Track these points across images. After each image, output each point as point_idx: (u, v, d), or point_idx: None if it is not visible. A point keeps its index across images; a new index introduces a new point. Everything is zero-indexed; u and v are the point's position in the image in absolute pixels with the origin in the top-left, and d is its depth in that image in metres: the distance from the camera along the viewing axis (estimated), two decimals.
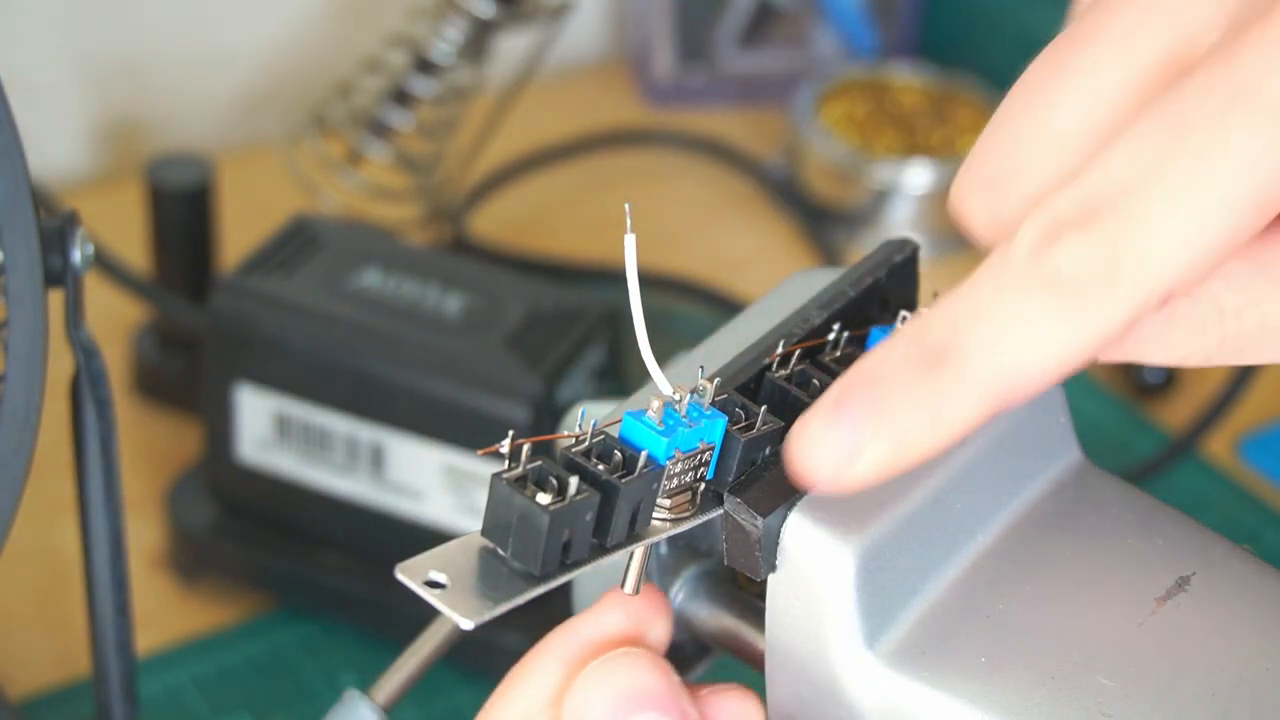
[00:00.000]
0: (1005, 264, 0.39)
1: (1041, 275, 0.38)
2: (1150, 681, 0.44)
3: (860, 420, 0.39)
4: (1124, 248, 0.38)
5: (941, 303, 0.39)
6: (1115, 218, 0.38)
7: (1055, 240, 0.38)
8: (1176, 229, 0.38)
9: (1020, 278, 0.39)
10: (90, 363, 0.56)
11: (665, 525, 0.45)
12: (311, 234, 0.76)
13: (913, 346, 0.39)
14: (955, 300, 0.39)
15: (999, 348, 0.39)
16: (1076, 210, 0.38)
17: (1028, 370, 0.39)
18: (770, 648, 0.46)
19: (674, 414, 0.44)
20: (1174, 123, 0.38)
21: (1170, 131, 0.38)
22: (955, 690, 0.44)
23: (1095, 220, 0.38)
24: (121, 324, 0.88)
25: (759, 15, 1.08)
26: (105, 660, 0.59)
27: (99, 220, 0.75)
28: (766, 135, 1.06)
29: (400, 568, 0.43)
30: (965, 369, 0.39)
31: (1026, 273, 0.39)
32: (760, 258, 0.98)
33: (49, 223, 0.54)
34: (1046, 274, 0.38)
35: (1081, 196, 0.38)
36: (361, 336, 0.72)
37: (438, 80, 0.90)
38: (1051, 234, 0.38)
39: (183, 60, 1.02)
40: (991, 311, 0.39)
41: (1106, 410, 0.89)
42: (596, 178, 1.02)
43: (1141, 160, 0.38)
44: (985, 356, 0.39)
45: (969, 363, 0.39)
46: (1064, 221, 0.38)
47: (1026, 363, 0.39)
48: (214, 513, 0.77)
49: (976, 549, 0.47)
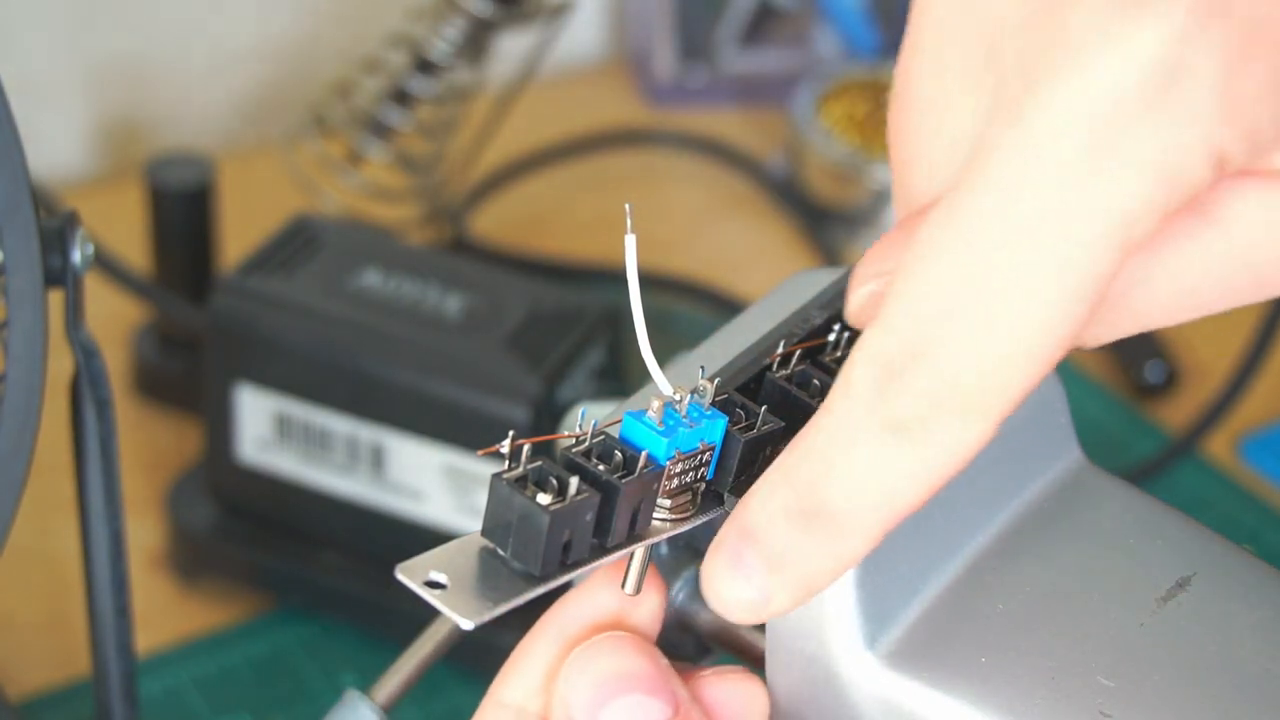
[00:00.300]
0: (849, 412, 0.40)
1: (884, 422, 0.40)
2: (1150, 681, 0.44)
3: (760, 574, 0.42)
4: (950, 386, 0.39)
5: (802, 447, 0.41)
6: (933, 360, 0.39)
7: (887, 387, 0.40)
8: (991, 359, 0.39)
9: (866, 428, 0.40)
10: (90, 363, 0.56)
11: (665, 525, 0.45)
12: (311, 234, 0.76)
13: (788, 499, 0.41)
14: (814, 449, 0.41)
15: (866, 497, 0.41)
16: (899, 354, 0.40)
17: (899, 505, 0.41)
18: (770, 648, 0.46)
19: (674, 414, 0.44)
20: (961, 259, 0.39)
21: (960, 268, 0.39)
22: (955, 690, 0.44)
23: (917, 364, 0.39)
24: (121, 324, 0.88)
25: (759, 15, 1.08)
26: (105, 660, 0.59)
27: (99, 220, 0.75)
28: (766, 135, 1.06)
29: (400, 568, 0.43)
30: (842, 521, 0.41)
31: (870, 421, 0.40)
32: (760, 258, 0.98)
33: (49, 223, 0.54)
34: (887, 420, 0.40)
35: (901, 340, 0.40)
36: (361, 336, 0.72)
37: (437, 80, 0.90)
38: (882, 382, 0.40)
39: (183, 60, 1.02)
40: (850, 464, 0.40)
41: (1106, 410, 0.89)
42: (596, 178, 1.02)
43: (942, 300, 0.39)
44: (856, 507, 0.41)
45: (843, 514, 0.41)
46: (891, 368, 0.40)
47: (896, 500, 0.41)
48: (214, 513, 0.77)
49: (976, 549, 0.47)
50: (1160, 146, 0.37)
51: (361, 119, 0.91)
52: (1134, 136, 0.37)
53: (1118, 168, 0.37)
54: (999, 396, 0.39)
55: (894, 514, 0.41)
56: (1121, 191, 0.37)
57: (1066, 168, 0.37)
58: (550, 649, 0.47)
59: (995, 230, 0.38)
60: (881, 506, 0.41)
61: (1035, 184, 0.38)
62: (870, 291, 0.43)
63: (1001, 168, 0.38)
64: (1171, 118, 0.37)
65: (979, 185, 0.39)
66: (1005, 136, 0.38)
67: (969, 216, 0.39)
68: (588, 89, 1.10)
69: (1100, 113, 0.37)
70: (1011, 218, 0.38)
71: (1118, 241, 0.38)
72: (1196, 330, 0.92)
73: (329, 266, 0.75)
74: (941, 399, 0.39)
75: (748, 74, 1.09)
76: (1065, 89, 0.37)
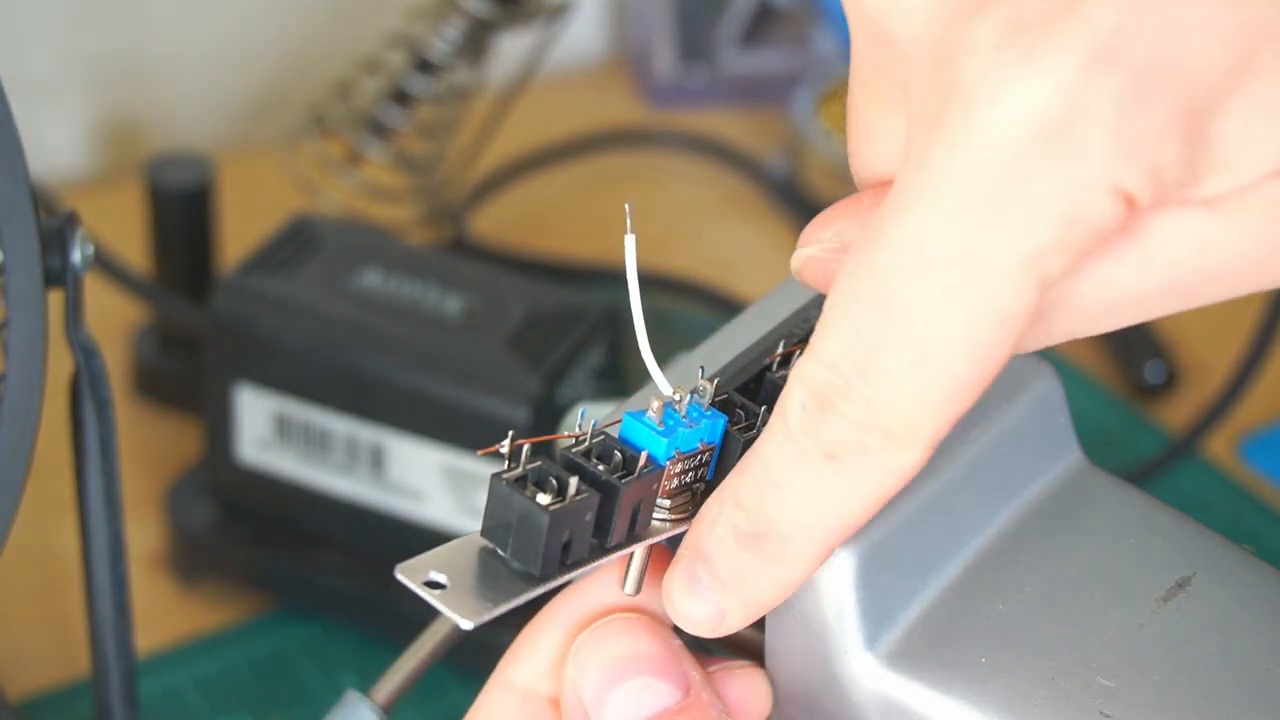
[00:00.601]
0: (787, 438, 0.42)
1: (821, 449, 0.41)
2: (1150, 682, 0.44)
3: (713, 593, 0.43)
4: (879, 416, 0.41)
5: (749, 469, 0.43)
6: (861, 392, 0.41)
7: (820, 416, 0.41)
8: (917, 391, 0.40)
9: (803, 453, 0.42)
10: (90, 363, 0.56)
11: (665, 525, 0.45)
12: (311, 234, 0.76)
13: (737, 521, 0.43)
14: (758, 473, 0.43)
15: (807, 519, 0.42)
16: (829, 384, 0.41)
17: (839, 527, 0.42)
18: (770, 648, 0.46)
19: (674, 414, 0.44)
20: (880, 293, 0.40)
21: (881, 302, 0.40)
22: (955, 690, 0.44)
23: (846, 395, 0.41)
24: (121, 324, 0.88)
25: (759, 15, 1.08)
26: (105, 661, 0.59)
27: (99, 220, 0.75)
28: (766, 135, 1.06)
29: (400, 568, 0.43)
30: (785, 543, 0.43)
31: (807, 448, 0.42)
32: (760, 258, 0.98)
33: (49, 223, 0.54)
34: (825, 447, 0.41)
35: (830, 371, 0.41)
36: (361, 336, 0.72)
37: (437, 80, 0.90)
38: (814, 410, 0.41)
39: (183, 60, 1.02)
40: (791, 489, 0.42)
41: (1106, 410, 0.89)
42: (596, 178, 1.02)
43: (866, 334, 0.40)
44: (798, 529, 0.42)
45: (787, 536, 0.43)
46: (823, 397, 0.41)
47: (836, 522, 0.42)
48: (214, 513, 0.77)
49: (976, 549, 0.47)
50: (1059, 190, 0.38)
51: (361, 119, 0.91)
52: (1033, 181, 0.38)
53: (1021, 212, 0.38)
54: (928, 425, 0.41)
55: (835, 536, 0.42)
56: (1028, 233, 0.39)
57: (971, 213, 0.39)
58: (561, 630, 0.47)
59: (909, 267, 0.39)
60: (823, 529, 0.42)
61: (942, 228, 0.39)
62: (809, 255, 0.45)
63: (911, 208, 0.39)
64: (1067, 162, 0.38)
65: (891, 221, 0.40)
66: (913, 178, 0.39)
67: (885, 251, 0.40)
68: (588, 89, 1.10)
69: (998, 160, 0.38)
70: (924, 256, 0.39)
71: (1032, 279, 0.39)
72: (1196, 330, 0.92)
73: (329, 266, 0.75)
74: (872, 428, 0.41)
75: (748, 74, 1.09)
76: (963, 139, 0.39)
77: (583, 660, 0.45)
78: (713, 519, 0.43)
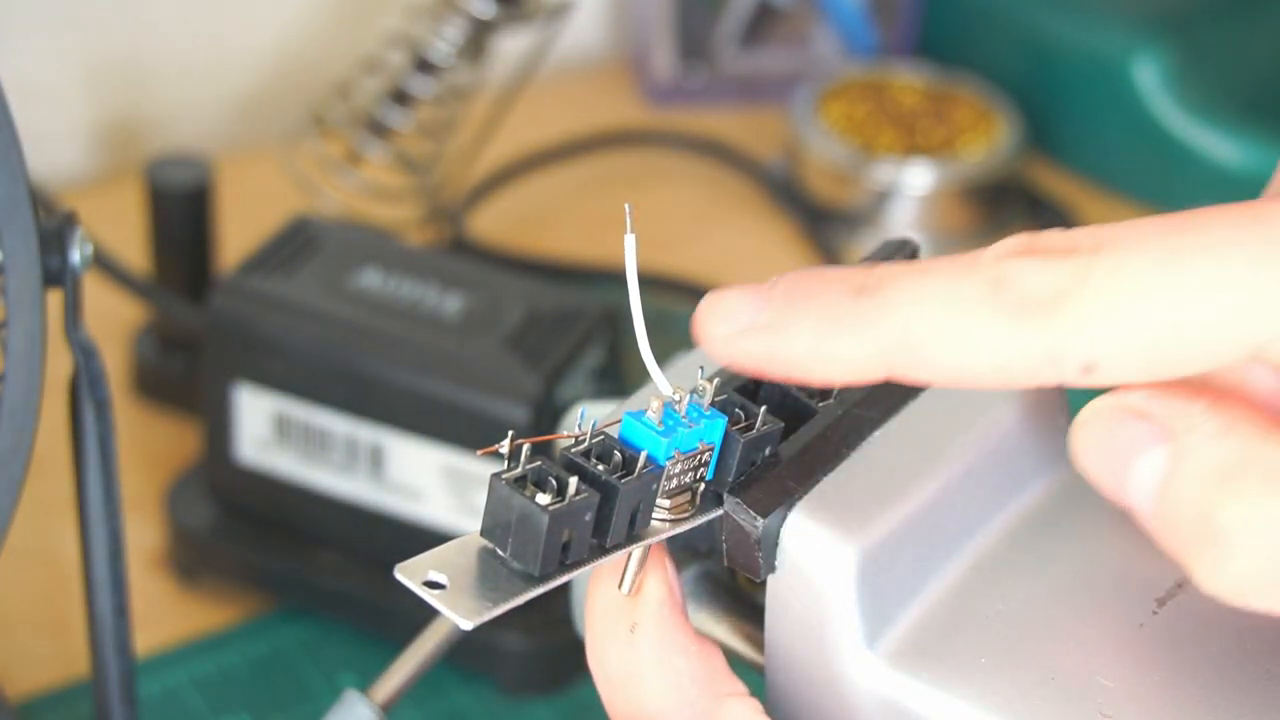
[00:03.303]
0: (977, 252, 0.40)
1: (993, 272, 0.39)
2: (1150, 682, 0.44)
3: (768, 305, 0.42)
4: (1079, 294, 0.39)
5: None
6: (1088, 268, 0.39)
7: (1028, 252, 0.39)
8: (1132, 317, 0.39)
9: (973, 265, 0.40)
10: (89, 363, 0.56)
11: (665, 526, 0.45)
12: (311, 234, 0.76)
13: (858, 273, 0.41)
14: (917, 261, 0.41)
15: (914, 310, 0.40)
16: (1063, 242, 0.39)
17: (923, 346, 0.40)
18: (770, 648, 0.46)
19: (673, 414, 0.44)
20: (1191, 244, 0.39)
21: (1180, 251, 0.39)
22: (955, 690, 0.44)
23: (1071, 258, 0.39)
24: (121, 324, 0.88)
25: (759, 15, 1.08)
26: (104, 661, 0.59)
27: (99, 220, 0.76)
28: (766, 135, 1.06)
29: (399, 568, 0.43)
30: (876, 311, 0.40)
31: (983, 263, 0.39)
32: (760, 258, 0.98)
33: (48, 223, 0.54)
34: (998, 273, 0.39)
35: (1078, 236, 0.39)
36: (361, 336, 0.72)
37: (437, 80, 0.90)
38: (1029, 247, 0.39)
39: (183, 60, 1.02)
40: (930, 278, 0.40)
41: None
42: (596, 178, 1.02)
43: (1145, 234, 0.39)
44: (899, 310, 0.40)
45: (883, 307, 0.40)
46: (1046, 246, 0.39)
47: (927, 337, 0.40)
48: (213, 513, 0.77)
49: (976, 549, 0.47)
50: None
51: (361, 119, 0.91)
52: None
53: None
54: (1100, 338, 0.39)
55: (910, 352, 0.40)
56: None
57: None
58: None
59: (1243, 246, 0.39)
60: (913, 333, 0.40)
61: None
62: None
63: None
64: None
65: None
66: None
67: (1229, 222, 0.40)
68: (588, 89, 1.10)
69: None
70: None
71: None
72: None
73: (328, 266, 0.75)
74: (1063, 297, 0.39)
75: (747, 74, 1.09)
76: None
77: None
78: (844, 267, 0.42)
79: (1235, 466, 0.40)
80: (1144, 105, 1.00)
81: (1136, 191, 1.01)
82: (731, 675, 0.46)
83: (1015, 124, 1.00)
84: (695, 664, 0.45)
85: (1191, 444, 0.40)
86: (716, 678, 0.45)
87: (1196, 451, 0.40)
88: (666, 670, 0.45)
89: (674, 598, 0.45)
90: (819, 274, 0.42)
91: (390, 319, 0.72)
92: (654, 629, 0.45)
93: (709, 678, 0.45)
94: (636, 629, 0.45)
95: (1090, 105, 1.02)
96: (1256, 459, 0.40)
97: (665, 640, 0.45)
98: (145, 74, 1.01)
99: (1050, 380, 0.40)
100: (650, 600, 0.45)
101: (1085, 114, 1.02)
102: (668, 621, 0.45)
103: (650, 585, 0.45)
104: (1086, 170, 1.03)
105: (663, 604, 0.45)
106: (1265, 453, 0.40)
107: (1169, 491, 0.41)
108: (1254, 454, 0.40)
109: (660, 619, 0.45)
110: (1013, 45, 1.05)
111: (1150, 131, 1.00)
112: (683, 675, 0.45)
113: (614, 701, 0.45)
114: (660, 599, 0.45)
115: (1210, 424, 0.41)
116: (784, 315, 0.41)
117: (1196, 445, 0.40)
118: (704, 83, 1.08)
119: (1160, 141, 0.99)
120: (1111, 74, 1.00)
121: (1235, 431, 0.40)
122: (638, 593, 0.46)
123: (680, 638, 0.45)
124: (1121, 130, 1.01)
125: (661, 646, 0.45)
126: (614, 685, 0.45)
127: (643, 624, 0.45)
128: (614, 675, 0.45)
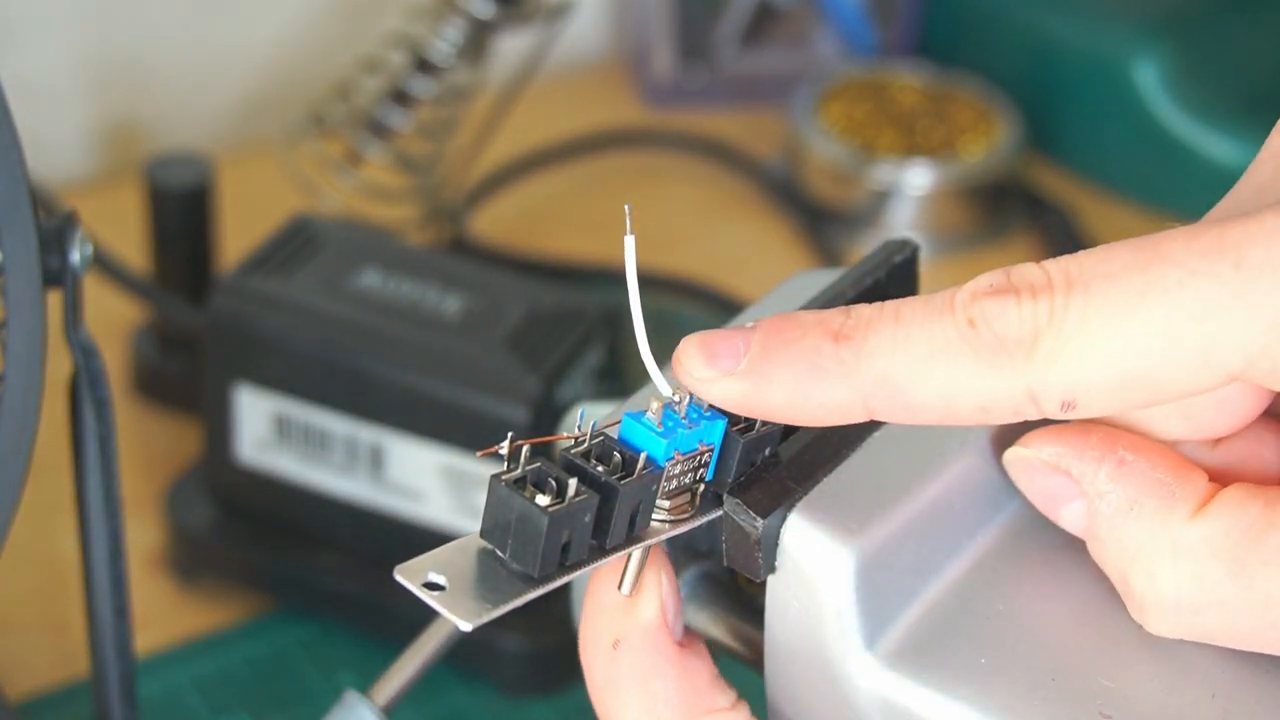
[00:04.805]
0: (950, 292, 0.40)
1: (967, 314, 0.40)
2: (1150, 682, 0.44)
3: (747, 350, 0.42)
4: (1054, 334, 0.39)
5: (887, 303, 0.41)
6: (1063, 308, 0.39)
7: (1001, 292, 0.40)
8: (1106, 356, 0.39)
9: (949, 308, 0.40)
10: (89, 363, 0.56)
11: (665, 527, 0.45)
12: (311, 234, 0.76)
13: (834, 317, 0.41)
14: (892, 302, 0.41)
15: (893, 355, 0.41)
16: (1035, 278, 0.40)
17: (904, 391, 0.41)
18: (770, 648, 0.46)
19: (673, 415, 0.44)
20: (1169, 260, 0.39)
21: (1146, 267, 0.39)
22: (955, 691, 0.44)
23: (1043, 297, 0.39)
24: (121, 324, 0.88)
25: (759, 15, 1.08)
26: (104, 661, 0.59)
27: (99, 220, 0.75)
28: (766, 135, 1.06)
29: (399, 569, 0.43)
30: (855, 358, 0.41)
31: (958, 305, 0.40)
32: (760, 258, 0.98)
33: (48, 223, 0.54)
34: (972, 315, 0.40)
35: (1050, 271, 0.40)
36: (361, 337, 0.72)
37: (437, 80, 0.90)
38: (1002, 287, 0.40)
39: (183, 60, 1.02)
40: (906, 321, 0.41)
41: None
42: (596, 178, 1.02)
43: (1115, 269, 0.39)
44: (878, 355, 0.41)
45: (860, 354, 0.41)
46: (1018, 284, 0.40)
47: (906, 380, 0.41)
48: (213, 513, 0.77)
49: (976, 549, 0.47)
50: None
51: (361, 119, 0.91)
52: None
53: None
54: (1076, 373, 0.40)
55: (890, 395, 0.41)
56: None
57: None
58: None
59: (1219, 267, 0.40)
60: (891, 376, 0.41)
61: None
62: (1026, 457, 0.44)
63: None
64: None
65: None
66: None
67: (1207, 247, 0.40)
68: (588, 89, 1.10)
69: None
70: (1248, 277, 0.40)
71: None
72: None
73: (328, 266, 0.75)
74: (1037, 337, 0.40)
75: (747, 74, 1.09)
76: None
77: None
78: (819, 312, 0.42)
79: (1141, 546, 0.42)
80: (1144, 105, 1.00)
81: (1136, 192, 1.01)
82: (716, 690, 0.46)
83: (1015, 124, 1.00)
84: (671, 687, 0.45)
85: (1104, 511, 0.42)
86: (696, 696, 0.45)
87: (1111, 520, 0.42)
88: (642, 692, 0.45)
89: (663, 619, 0.46)
90: (796, 319, 0.42)
91: (390, 319, 0.72)
92: (636, 650, 0.45)
93: (686, 699, 0.45)
94: (620, 646, 0.45)
95: (1090, 105, 1.02)
96: (1161, 532, 0.42)
97: (644, 663, 0.45)
98: (145, 74, 1.01)
99: (1033, 416, 0.41)
100: (639, 620, 0.45)
101: (1085, 114, 1.02)
102: (651, 644, 0.45)
103: (642, 603, 0.45)
104: (1086, 170, 1.03)
105: (649, 625, 0.45)
106: (1170, 524, 0.42)
107: (1092, 542, 0.43)
108: (1158, 528, 0.42)
109: (644, 640, 0.45)
110: (1013, 45, 1.05)
111: (1150, 132, 1.00)
112: (657, 699, 0.45)
113: (595, 704, 0.46)
114: (649, 620, 0.45)
115: (1117, 496, 0.42)
116: (764, 361, 0.42)
117: (1109, 514, 0.42)
118: (704, 83, 1.08)
119: (1160, 142, 0.99)
120: (1112, 74, 1.00)
121: (1140, 506, 0.42)
122: (638, 593, 0.46)
123: (660, 661, 0.45)
124: (1121, 130, 1.01)
125: (640, 668, 0.45)
126: (595, 690, 0.46)
127: (626, 642, 0.45)
128: (595, 682, 0.46)
